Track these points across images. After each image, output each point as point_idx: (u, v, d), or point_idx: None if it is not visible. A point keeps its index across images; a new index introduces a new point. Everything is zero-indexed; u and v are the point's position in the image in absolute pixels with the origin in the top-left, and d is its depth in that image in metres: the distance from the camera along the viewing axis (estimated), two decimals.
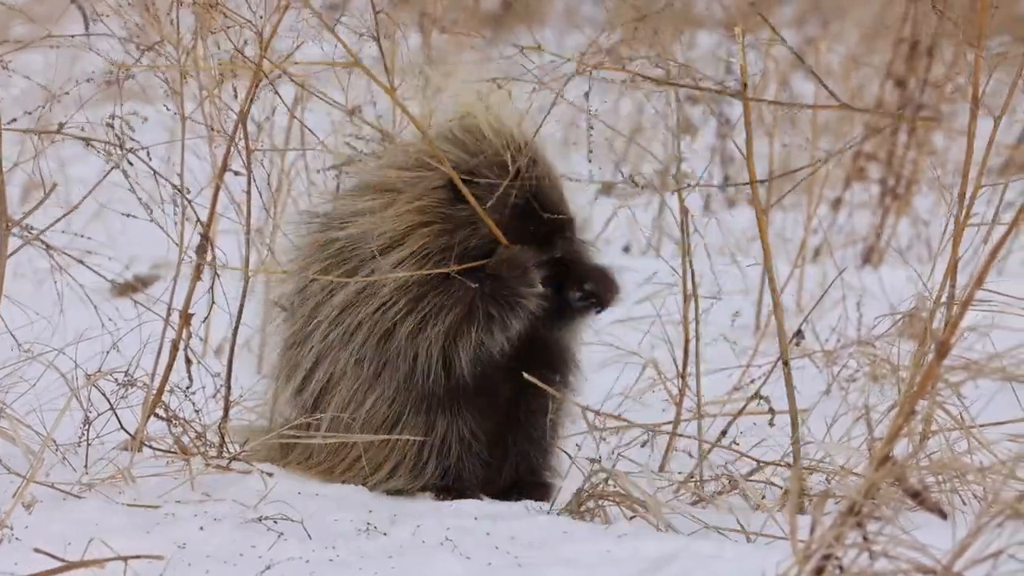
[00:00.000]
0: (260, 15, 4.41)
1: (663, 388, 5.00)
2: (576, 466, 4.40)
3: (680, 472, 4.59)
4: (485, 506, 4.29)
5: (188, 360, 4.49)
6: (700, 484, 4.43)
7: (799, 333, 4.74)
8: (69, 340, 4.51)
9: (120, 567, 3.58)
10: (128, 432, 4.41)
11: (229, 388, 4.51)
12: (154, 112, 4.65)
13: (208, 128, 4.72)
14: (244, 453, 4.45)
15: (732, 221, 7.51)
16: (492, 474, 4.43)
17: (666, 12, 4.44)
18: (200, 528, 3.94)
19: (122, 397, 4.42)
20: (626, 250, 8.22)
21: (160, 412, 4.44)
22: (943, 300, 4.37)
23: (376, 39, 4.44)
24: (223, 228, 5.43)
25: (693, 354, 4.71)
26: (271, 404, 4.54)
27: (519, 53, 4.27)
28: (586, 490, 4.18)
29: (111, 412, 4.41)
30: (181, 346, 4.48)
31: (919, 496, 3.23)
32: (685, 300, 4.73)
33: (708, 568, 3.64)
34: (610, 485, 4.17)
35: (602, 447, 4.46)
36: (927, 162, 7.99)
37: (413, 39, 4.95)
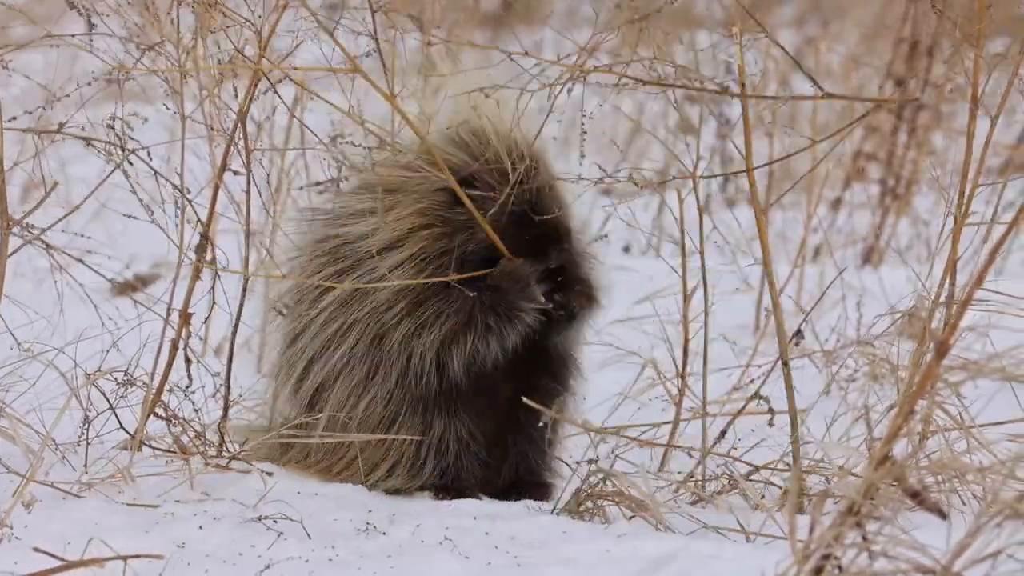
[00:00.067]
0: (259, 15, 4.41)
1: (663, 388, 5.00)
2: (570, 468, 4.39)
3: (680, 472, 4.59)
4: (484, 506, 4.28)
5: (188, 359, 4.49)
6: (700, 484, 4.43)
7: (799, 333, 4.74)
8: (69, 339, 4.50)
9: (119, 566, 3.58)
10: (128, 431, 4.41)
11: (228, 387, 4.51)
12: (154, 112, 4.65)
13: (208, 128, 4.72)
14: (243, 452, 4.45)
15: (732, 221, 7.51)
16: (491, 474, 4.43)
17: (665, 12, 4.42)
18: (199, 527, 3.94)
19: (122, 396, 4.42)
20: (626, 250, 8.22)
21: (160, 411, 4.44)
22: (942, 300, 4.37)
23: (375, 39, 4.43)
24: (223, 228, 5.44)
25: (696, 353, 4.71)
26: (271, 403, 4.55)
27: (519, 55, 4.26)
28: (585, 490, 4.18)
29: (111, 411, 4.41)
30: (181, 345, 4.48)
31: (918, 496, 3.23)
32: (685, 300, 4.73)
33: (707, 568, 3.64)
34: (609, 485, 4.17)
35: (601, 448, 4.46)
36: (927, 162, 7.98)
37: (412, 40, 4.93)
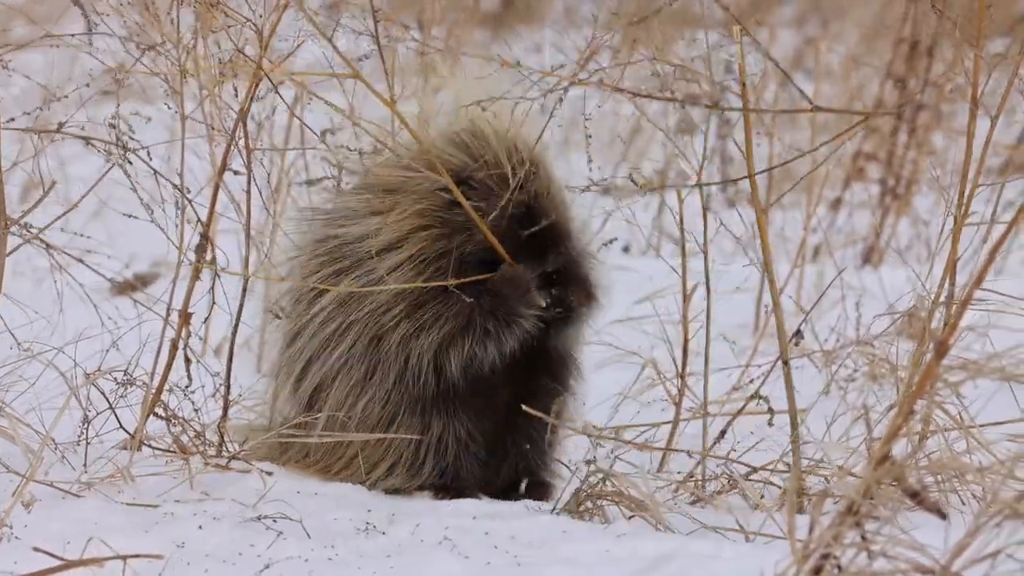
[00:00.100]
0: (260, 14, 4.41)
1: (662, 388, 4.99)
2: (570, 470, 4.39)
3: (679, 472, 4.59)
4: (484, 505, 4.28)
5: (187, 359, 4.48)
6: (699, 484, 4.43)
7: (798, 333, 4.74)
8: (68, 339, 4.50)
9: (119, 566, 3.58)
10: (127, 431, 4.41)
11: (228, 387, 4.50)
12: (154, 111, 4.65)
13: (208, 127, 4.71)
14: (243, 452, 4.45)
15: (731, 221, 7.50)
16: (491, 474, 4.43)
17: (665, 13, 4.43)
18: (199, 527, 3.93)
19: (121, 396, 4.42)
20: (626, 250, 8.21)
21: (159, 411, 4.44)
22: (942, 300, 4.37)
23: (375, 38, 4.43)
24: (223, 227, 5.43)
25: (696, 353, 4.71)
26: (271, 402, 4.55)
27: (517, 57, 4.26)
28: (585, 490, 4.18)
29: (110, 411, 4.41)
30: (180, 345, 4.48)
31: (918, 496, 3.23)
32: (685, 300, 4.73)
33: (706, 567, 3.63)
34: (608, 485, 4.17)
35: (600, 448, 4.45)
36: (927, 162, 7.98)
37: (413, 40, 4.93)
